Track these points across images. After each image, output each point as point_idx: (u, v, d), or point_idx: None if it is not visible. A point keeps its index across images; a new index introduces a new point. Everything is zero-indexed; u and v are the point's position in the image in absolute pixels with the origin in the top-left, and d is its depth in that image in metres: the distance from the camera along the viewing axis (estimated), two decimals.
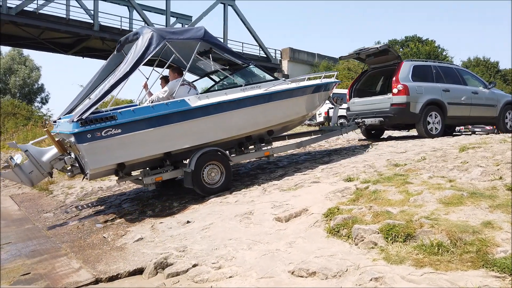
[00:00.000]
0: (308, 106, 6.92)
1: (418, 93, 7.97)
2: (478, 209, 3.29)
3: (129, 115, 5.05)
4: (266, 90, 6.11)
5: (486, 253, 2.65)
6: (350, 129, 7.96)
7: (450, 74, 8.82)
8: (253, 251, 3.39)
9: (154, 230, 4.51)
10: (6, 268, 3.90)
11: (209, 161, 5.58)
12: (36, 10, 25.33)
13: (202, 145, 5.64)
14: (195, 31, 5.83)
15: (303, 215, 3.99)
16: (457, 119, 8.76)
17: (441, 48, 42.84)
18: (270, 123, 6.35)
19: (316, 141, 7.58)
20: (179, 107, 5.37)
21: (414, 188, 4.02)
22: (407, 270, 2.63)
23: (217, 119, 5.67)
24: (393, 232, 3.09)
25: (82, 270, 3.61)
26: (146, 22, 28.63)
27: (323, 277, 2.77)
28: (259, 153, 6.50)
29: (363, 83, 9.30)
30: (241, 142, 6.39)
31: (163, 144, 5.34)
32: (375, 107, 8.37)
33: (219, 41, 6.23)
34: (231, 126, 5.88)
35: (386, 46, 8.21)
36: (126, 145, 5.03)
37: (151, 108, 5.24)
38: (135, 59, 5.15)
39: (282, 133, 7.43)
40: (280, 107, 6.32)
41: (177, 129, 5.36)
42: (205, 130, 5.61)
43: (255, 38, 34.58)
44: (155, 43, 5.33)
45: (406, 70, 8.10)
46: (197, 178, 5.45)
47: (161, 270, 3.40)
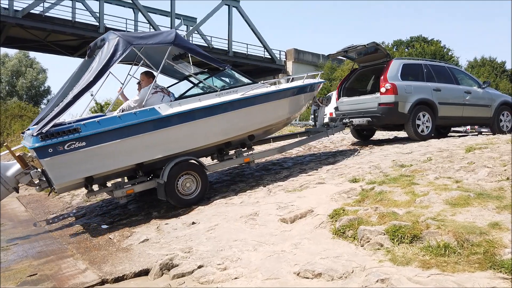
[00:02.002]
0: (290, 109, 6.66)
1: (407, 93, 7.63)
2: (485, 210, 3.26)
3: (94, 127, 4.80)
4: (243, 95, 5.87)
5: (494, 254, 2.62)
6: (337, 130, 7.69)
7: (442, 73, 8.50)
8: (259, 252, 3.38)
9: (160, 231, 4.52)
10: (13, 269, 3.92)
11: (183, 171, 5.37)
12: (42, 13, 25.52)
13: (176, 155, 5.42)
14: (166, 35, 5.56)
15: (309, 216, 3.98)
16: (449, 120, 8.45)
17: (446, 48, 42.58)
18: (249, 128, 6.12)
19: (300, 145, 7.27)
20: (149, 116, 5.13)
21: (420, 189, 4.00)
22: (414, 272, 2.62)
23: (190, 127, 5.43)
24: (399, 233, 3.08)
25: (88, 271, 3.63)
26: (151, 24, 28.77)
27: (328, 279, 2.75)
28: (238, 160, 6.20)
29: (353, 82, 8.98)
30: (220, 148, 6.16)
31: (133, 155, 5.11)
32: (363, 106, 8.07)
33: (192, 45, 6.01)
34: (207, 134, 5.64)
35: (374, 44, 7.90)
36: (92, 158, 4.81)
37: (118, 118, 4.99)
38: (99, 66, 4.92)
39: (265, 136, 7.23)
40: (259, 111, 6.07)
41: (147, 139, 5.13)
42: (178, 139, 5.39)
43: (260, 39, 34.58)
44: (122, 49, 5.08)
45: (395, 69, 7.79)
46: (171, 189, 5.23)
47: (166, 271, 3.41)
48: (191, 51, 5.83)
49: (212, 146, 5.92)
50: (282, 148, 6.79)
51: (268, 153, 6.75)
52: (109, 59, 4.99)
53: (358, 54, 8.49)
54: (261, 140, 7.31)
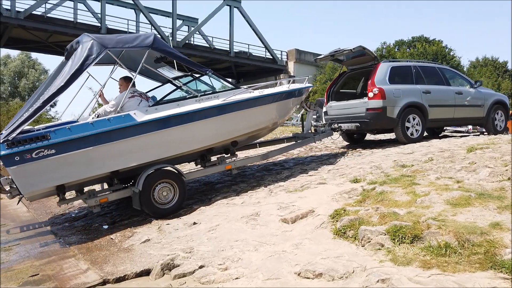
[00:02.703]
0: (275, 114, 6.51)
1: (395, 97, 7.46)
2: (486, 210, 3.26)
3: (64, 134, 4.63)
4: (224, 101, 5.69)
5: (494, 255, 2.62)
6: (324, 135, 7.54)
7: (432, 74, 8.36)
8: (259, 252, 3.39)
9: (161, 231, 4.53)
10: (15, 269, 3.94)
11: (160, 179, 5.21)
12: (44, 14, 25.61)
13: (152, 162, 5.26)
14: (143, 38, 5.37)
15: (309, 216, 3.99)
16: (440, 122, 8.36)
17: (448, 48, 42.50)
18: (231, 134, 5.95)
19: (285, 151, 7.06)
20: (123, 123, 4.96)
21: (421, 189, 4.00)
22: (414, 272, 2.62)
23: (167, 134, 5.26)
24: (400, 233, 3.08)
25: (90, 271, 3.64)
26: (152, 24, 28.83)
27: (329, 279, 2.76)
28: (219, 167, 6.00)
29: (341, 86, 8.82)
30: (203, 154, 6.02)
31: (107, 163, 4.95)
32: (351, 111, 7.89)
33: (171, 49, 5.79)
34: (185, 141, 5.47)
35: (361, 48, 7.75)
36: (63, 166, 4.64)
37: (90, 125, 4.82)
38: (72, 71, 4.76)
39: (250, 142, 7.09)
40: (241, 117, 5.90)
41: (122, 146, 4.96)
42: (154, 146, 5.22)
43: (261, 39, 34.60)
44: (96, 52, 4.91)
45: (383, 72, 7.61)
46: (146, 198, 5.06)
47: (168, 271, 3.42)
48: (170, 54, 5.67)
49: (192, 153, 5.77)
50: (265, 155, 6.62)
51: (251, 160, 6.54)
52: (82, 63, 4.82)
53: (346, 57, 8.32)
54: (247, 145, 7.19)
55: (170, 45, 6.11)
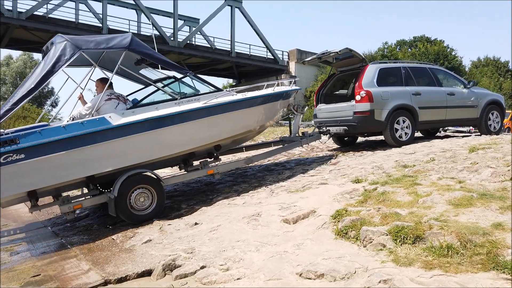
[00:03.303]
0: (260, 117, 6.36)
1: (383, 99, 7.26)
2: (488, 210, 3.25)
3: (34, 138, 4.46)
4: (205, 104, 5.55)
5: (497, 255, 2.61)
6: (312, 139, 7.36)
7: (423, 75, 8.17)
8: (261, 253, 3.38)
9: (162, 232, 4.53)
10: (17, 269, 3.94)
11: (137, 185, 5.05)
12: (45, 15, 25.66)
13: (129, 167, 5.09)
14: (120, 39, 5.21)
15: (311, 216, 3.98)
16: (431, 124, 8.15)
17: (450, 48, 42.46)
18: (213, 138, 5.80)
19: (270, 155, 6.87)
20: (97, 126, 4.79)
21: (423, 189, 3.99)
22: (416, 272, 2.61)
23: (145, 138, 5.10)
24: (402, 234, 3.07)
25: (91, 272, 3.64)
26: (153, 25, 28.85)
27: (331, 279, 2.75)
28: (201, 172, 5.82)
29: (331, 88, 8.64)
30: (185, 158, 5.90)
31: (81, 168, 4.79)
32: (339, 115, 7.71)
33: (150, 50, 5.53)
34: (164, 145, 5.30)
35: (347, 50, 7.57)
36: (33, 172, 4.47)
37: (62, 128, 4.65)
38: (43, 72, 4.64)
39: (235, 146, 6.95)
40: (224, 121, 5.74)
41: (96, 150, 4.79)
42: (131, 151, 5.05)
43: (262, 39, 34.61)
44: (69, 53, 4.78)
45: (371, 74, 7.41)
46: (122, 204, 4.91)
47: (169, 271, 3.42)
48: (148, 56, 5.48)
49: (173, 157, 5.62)
50: (249, 159, 6.45)
51: (234, 164, 6.42)
52: (54, 64, 4.69)
53: (335, 59, 8.12)
54: (234, 149, 7.08)
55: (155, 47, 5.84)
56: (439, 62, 38.94)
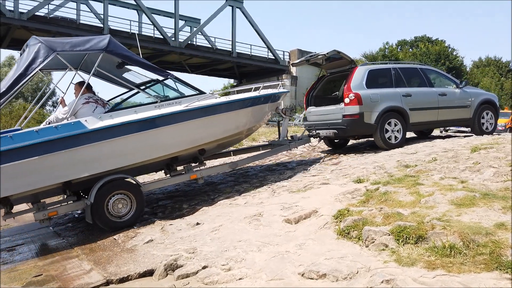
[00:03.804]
0: (246, 121, 6.19)
1: (373, 102, 7.10)
2: (491, 210, 3.24)
3: (5, 142, 4.33)
4: (187, 107, 5.39)
5: (500, 255, 2.61)
6: (301, 143, 7.24)
7: (413, 76, 7.98)
8: (263, 253, 3.38)
9: (164, 232, 4.53)
10: (19, 269, 3.95)
11: (115, 191, 4.92)
12: (47, 15, 25.71)
13: (107, 172, 4.95)
14: (97, 41, 5.07)
15: (313, 216, 3.98)
16: (422, 125, 7.96)
17: (451, 48, 42.42)
18: (196, 142, 5.63)
19: (256, 160, 6.72)
20: (72, 131, 4.65)
21: (425, 189, 3.98)
22: (419, 272, 2.60)
23: (123, 143, 4.95)
24: (404, 234, 3.06)
25: (93, 272, 3.64)
26: (155, 25, 28.87)
27: (333, 279, 2.75)
28: (183, 177, 5.69)
29: (321, 90, 8.42)
30: (168, 163, 5.74)
31: (56, 174, 4.64)
32: (329, 118, 7.55)
33: (128, 52, 5.35)
34: (143, 149, 5.14)
35: (335, 52, 7.43)
36: (5, 178, 4.33)
37: (35, 133, 4.50)
38: (15, 75, 4.55)
39: (221, 150, 6.80)
40: (206, 124, 5.58)
41: (71, 155, 4.64)
42: (109, 156, 4.90)
43: (263, 40, 34.61)
44: (43, 56, 4.68)
45: (360, 77, 7.25)
46: (99, 211, 4.78)
47: (171, 271, 3.42)
48: (127, 58, 5.32)
49: (154, 162, 5.45)
50: (234, 163, 6.33)
51: (218, 168, 6.27)
52: (27, 67, 4.59)
53: (325, 60, 7.89)
54: (220, 153, 6.97)
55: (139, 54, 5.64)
56: (441, 62, 38.91)
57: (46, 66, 5.23)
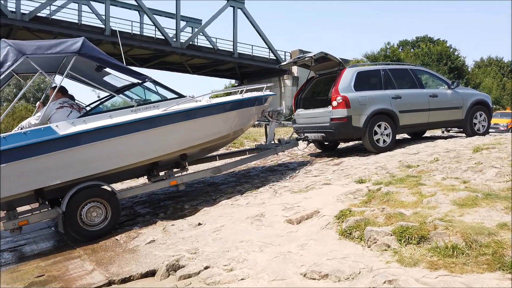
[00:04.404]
0: (230, 124, 6.03)
1: (361, 105, 6.95)
2: (493, 210, 3.23)
3: None
4: (165, 111, 5.23)
5: (502, 255, 2.60)
6: (288, 147, 7.12)
7: (403, 77, 7.79)
8: (265, 253, 3.38)
9: (166, 232, 4.53)
10: (21, 270, 3.95)
11: (88, 199, 4.74)
12: (49, 16, 25.76)
13: (82, 179, 4.77)
14: (70, 44, 4.90)
15: (315, 217, 3.97)
16: (413, 127, 7.79)
17: (453, 48, 42.35)
18: (176, 147, 5.46)
19: (239, 164, 6.57)
20: (42, 136, 4.49)
21: (427, 189, 3.97)
22: (422, 273, 2.60)
23: (96, 148, 4.78)
24: (406, 234, 3.06)
25: (95, 272, 3.64)
26: (156, 26, 28.92)
27: (335, 280, 2.74)
28: (163, 183, 5.54)
29: (310, 92, 8.27)
30: (149, 169, 5.59)
31: (26, 181, 4.48)
32: (317, 121, 7.40)
33: (103, 55, 5.17)
34: (119, 155, 4.98)
35: (322, 54, 7.30)
36: None
37: (3, 139, 4.36)
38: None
39: (205, 155, 6.67)
40: (186, 128, 5.42)
41: (41, 162, 4.47)
42: (81, 162, 4.72)
43: (265, 40, 34.62)
44: (11, 59, 4.53)
45: (348, 79, 7.09)
46: (72, 220, 4.60)
47: (173, 272, 3.42)
48: (102, 61, 5.13)
49: (132, 168, 5.25)
50: (217, 168, 6.14)
51: (200, 174, 6.10)
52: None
53: (314, 62, 7.71)
54: (205, 158, 6.87)
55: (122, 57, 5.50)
56: (442, 62, 38.83)
57: (19, 70, 5.14)
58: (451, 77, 37.92)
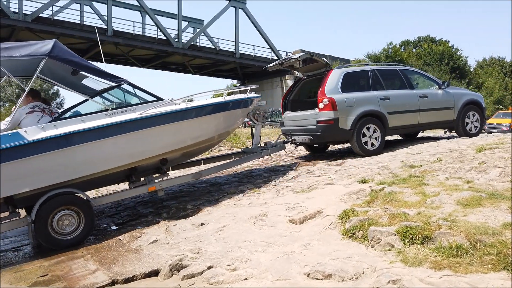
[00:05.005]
0: (213, 128, 5.86)
1: (348, 106, 6.78)
2: (497, 210, 3.22)
3: None
4: (141, 114, 5.05)
5: (507, 255, 2.59)
6: (275, 150, 7.01)
7: (392, 77, 7.64)
8: (268, 253, 3.38)
9: (169, 232, 4.54)
10: (25, 269, 3.96)
11: (60, 207, 4.54)
12: (51, 17, 25.81)
13: (53, 186, 4.58)
14: (39, 46, 4.72)
15: (318, 217, 3.97)
16: (403, 129, 7.66)
17: (455, 48, 42.28)
18: (154, 152, 5.26)
19: (222, 169, 6.42)
20: (8, 142, 4.28)
21: (431, 189, 3.97)
22: (426, 273, 2.59)
23: (68, 154, 4.58)
24: (410, 234, 3.06)
25: (99, 272, 3.65)
26: (158, 26, 28.94)
27: (339, 280, 2.74)
28: (141, 189, 5.37)
29: (298, 94, 8.10)
30: (128, 174, 5.41)
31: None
32: (304, 123, 7.26)
33: (76, 57, 4.95)
34: (92, 161, 4.78)
35: (308, 55, 7.17)
36: None
37: None
38: None
39: (187, 159, 6.52)
40: (164, 132, 5.24)
41: (7, 169, 4.26)
42: (52, 169, 4.52)
43: (266, 40, 34.61)
44: None
45: (335, 80, 6.93)
46: (42, 229, 4.41)
47: (176, 272, 3.42)
48: (73, 64, 4.91)
49: (108, 173, 5.04)
50: (198, 173, 5.95)
51: (180, 179, 5.91)
52: None
53: (302, 63, 7.51)
54: (188, 162, 6.76)
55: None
56: (444, 62, 38.76)
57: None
58: (453, 77, 37.86)
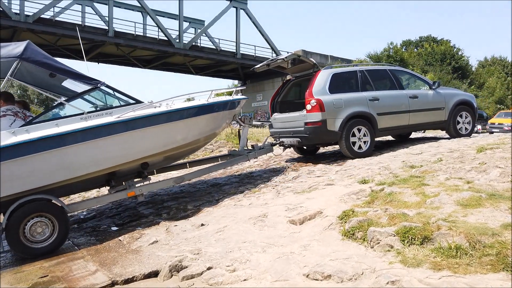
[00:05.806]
0: (195, 131, 5.72)
1: (336, 108, 6.70)
2: (497, 211, 3.21)
3: None
4: (118, 118, 4.91)
5: (506, 256, 2.58)
6: (262, 153, 6.93)
7: (382, 78, 7.55)
8: (268, 254, 3.38)
9: (169, 233, 4.54)
10: (25, 270, 3.97)
11: (32, 214, 4.39)
12: (52, 18, 25.87)
13: (25, 193, 4.43)
14: (11, 48, 4.60)
15: (318, 217, 3.97)
16: (393, 130, 7.60)
17: (456, 48, 42.21)
18: (133, 156, 5.12)
19: (205, 173, 6.29)
20: None
21: (431, 190, 3.96)
22: (425, 273, 2.59)
23: (40, 159, 4.44)
24: (409, 235, 3.05)
25: (99, 273, 3.65)
26: (159, 27, 28.98)
27: (338, 280, 2.74)
28: (119, 194, 5.25)
29: (286, 95, 8.02)
30: (107, 179, 5.30)
31: None
32: (292, 125, 7.17)
33: (49, 60, 4.82)
34: (67, 166, 4.63)
35: (295, 56, 7.10)
36: None
37: None
38: None
39: (171, 162, 6.41)
40: (143, 136, 5.09)
41: None
42: (22, 175, 4.37)
43: (267, 40, 34.61)
44: None
45: (323, 81, 6.84)
46: (13, 236, 4.26)
47: (176, 272, 3.42)
48: (48, 66, 4.76)
49: (85, 179, 4.90)
50: (180, 177, 5.84)
51: (161, 184, 5.80)
52: None
53: (290, 64, 7.46)
54: (176, 164, 6.69)
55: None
56: (446, 62, 38.69)
57: None
58: (455, 77, 37.79)
